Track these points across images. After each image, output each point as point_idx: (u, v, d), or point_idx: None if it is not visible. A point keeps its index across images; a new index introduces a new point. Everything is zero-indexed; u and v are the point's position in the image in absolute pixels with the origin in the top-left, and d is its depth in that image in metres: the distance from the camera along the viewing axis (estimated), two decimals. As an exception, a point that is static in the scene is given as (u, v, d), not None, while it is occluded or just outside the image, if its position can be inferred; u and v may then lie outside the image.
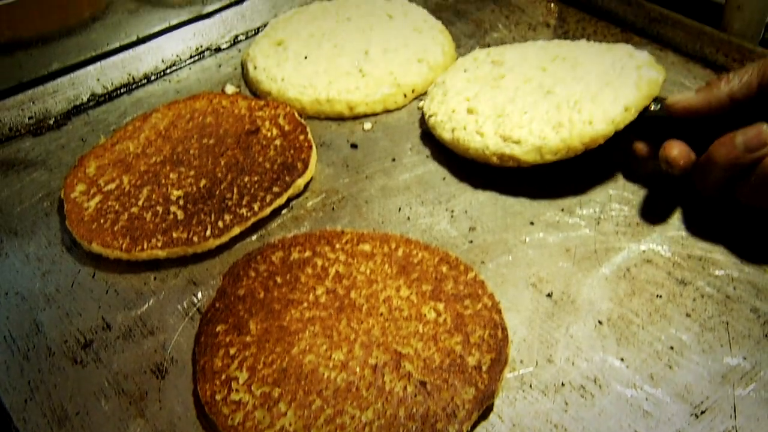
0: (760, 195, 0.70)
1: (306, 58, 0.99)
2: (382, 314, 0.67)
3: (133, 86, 1.04)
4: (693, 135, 0.74)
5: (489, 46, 1.05)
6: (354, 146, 0.91)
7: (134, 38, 1.06)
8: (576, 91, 0.80)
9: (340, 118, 0.95)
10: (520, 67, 0.89)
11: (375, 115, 0.95)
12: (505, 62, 0.91)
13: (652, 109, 0.78)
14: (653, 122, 0.78)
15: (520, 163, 0.80)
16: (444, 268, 0.72)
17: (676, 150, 0.73)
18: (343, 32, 1.04)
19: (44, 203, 0.86)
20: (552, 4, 1.15)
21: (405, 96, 0.96)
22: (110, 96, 1.03)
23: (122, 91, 1.04)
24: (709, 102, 0.72)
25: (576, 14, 1.11)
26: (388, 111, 0.96)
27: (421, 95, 0.98)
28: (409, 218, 0.81)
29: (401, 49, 1.00)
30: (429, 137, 0.90)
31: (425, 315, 0.67)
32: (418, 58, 0.99)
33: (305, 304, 0.69)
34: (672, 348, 0.66)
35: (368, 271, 0.72)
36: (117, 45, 1.05)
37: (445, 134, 0.85)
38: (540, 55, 0.90)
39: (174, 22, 1.09)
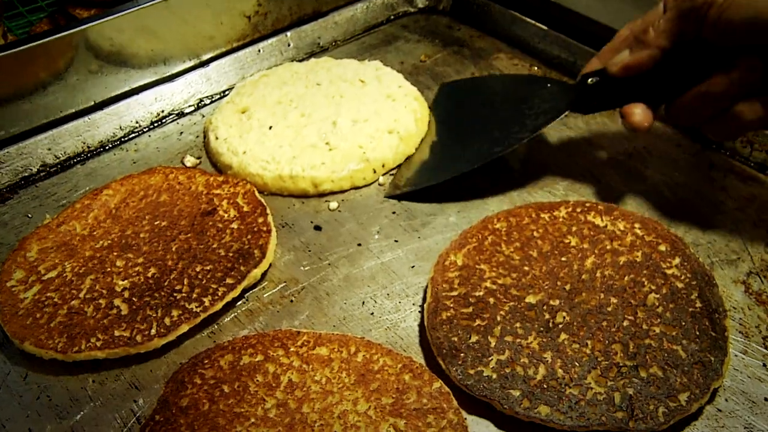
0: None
1: (270, 128, 0.93)
2: (336, 434, 0.61)
3: (88, 156, 0.97)
4: (638, 92, 0.78)
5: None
6: (318, 228, 0.84)
7: (91, 103, 1.00)
8: None
9: (304, 196, 0.89)
10: None
11: (342, 192, 0.89)
12: None
13: (590, 82, 0.81)
14: (597, 92, 0.81)
15: None
16: (407, 377, 0.65)
17: (638, 115, 0.77)
18: (312, 99, 0.98)
19: (-21, 290, 0.80)
20: (535, 68, 1.10)
21: (374, 171, 0.89)
22: (62, 166, 0.95)
23: (75, 161, 0.96)
24: (649, 57, 0.75)
25: (559, 78, 1.05)
26: (356, 187, 0.89)
27: (391, 170, 0.92)
28: (373, 313, 0.74)
29: (372, 118, 0.94)
30: (399, 219, 0.84)
31: (384, 435, 0.61)
32: (389, 129, 0.92)
33: (252, 420, 0.63)
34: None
35: (324, 380, 0.65)
36: (72, 111, 0.98)
37: None
38: None
39: (135, 85, 1.03)
